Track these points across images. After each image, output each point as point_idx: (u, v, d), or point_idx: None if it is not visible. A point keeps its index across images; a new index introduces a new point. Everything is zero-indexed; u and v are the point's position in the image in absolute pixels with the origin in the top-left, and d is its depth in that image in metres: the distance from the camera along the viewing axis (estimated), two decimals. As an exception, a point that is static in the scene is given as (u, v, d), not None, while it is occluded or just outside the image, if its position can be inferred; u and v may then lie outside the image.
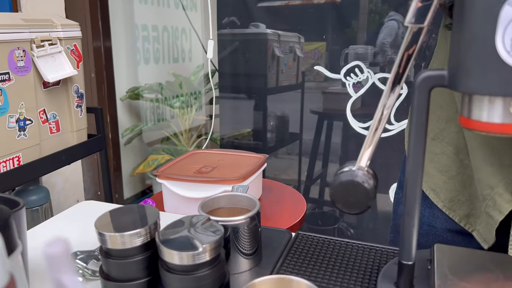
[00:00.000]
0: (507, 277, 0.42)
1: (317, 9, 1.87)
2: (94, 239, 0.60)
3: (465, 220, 0.59)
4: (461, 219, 0.60)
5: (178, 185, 0.84)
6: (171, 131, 2.18)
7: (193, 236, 0.43)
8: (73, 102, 1.03)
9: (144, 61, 2.23)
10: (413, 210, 0.42)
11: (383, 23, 1.58)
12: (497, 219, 0.52)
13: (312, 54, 1.89)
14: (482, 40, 0.33)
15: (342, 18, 1.76)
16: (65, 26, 0.98)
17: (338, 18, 1.79)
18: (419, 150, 0.41)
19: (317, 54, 1.88)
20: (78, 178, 1.88)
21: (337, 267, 0.52)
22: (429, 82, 0.39)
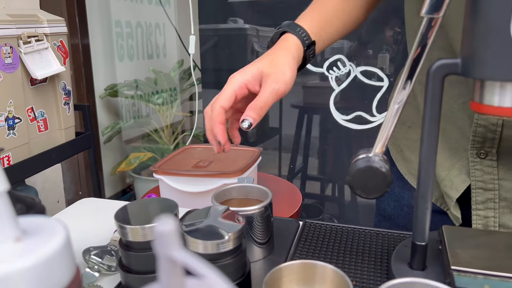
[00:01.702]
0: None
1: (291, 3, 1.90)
2: (102, 235, 0.60)
3: (440, 200, 0.63)
4: (437, 199, 0.64)
5: (176, 180, 0.84)
6: (152, 128, 2.16)
7: (218, 226, 0.44)
8: (61, 100, 1.01)
9: (118, 58, 2.19)
10: (426, 194, 0.44)
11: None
12: (454, 197, 0.58)
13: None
14: (497, 28, 0.35)
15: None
16: (51, 21, 0.96)
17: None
18: (433, 136, 0.42)
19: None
20: (58, 178, 1.84)
21: (348, 251, 0.54)
22: (442, 70, 0.40)
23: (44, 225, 0.25)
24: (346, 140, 1.80)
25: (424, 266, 0.47)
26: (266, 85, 0.53)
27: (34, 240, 0.23)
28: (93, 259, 0.51)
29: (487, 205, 0.55)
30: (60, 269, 0.23)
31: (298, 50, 0.57)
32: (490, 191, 0.54)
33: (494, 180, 0.54)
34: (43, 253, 0.22)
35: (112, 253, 0.53)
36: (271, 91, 0.53)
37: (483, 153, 0.54)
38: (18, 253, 0.21)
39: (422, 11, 0.39)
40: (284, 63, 0.55)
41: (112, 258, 0.52)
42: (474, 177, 0.55)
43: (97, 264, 0.51)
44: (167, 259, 0.17)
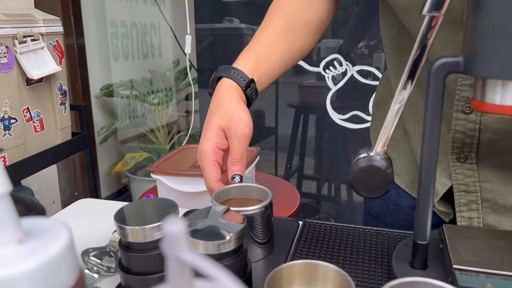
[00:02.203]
0: (516, 252, 0.45)
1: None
2: (101, 236, 0.60)
3: None
4: None
5: (174, 180, 0.84)
6: (147, 128, 2.15)
7: (218, 226, 0.43)
8: (57, 100, 1.00)
9: (113, 57, 2.19)
10: (428, 192, 0.44)
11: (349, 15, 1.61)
12: (435, 200, 0.59)
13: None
14: (500, 26, 0.35)
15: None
16: (47, 21, 0.95)
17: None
18: (434, 135, 0.42)
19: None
20: (54, 179, 1.83)
21: (349, 251, 0.54)
22: (444, 69, 0.40)
23: (47, 226, 0.24)
24: (343, 140, 1.80)
25: (426, 265, 0.47)
26: (233, 136, 0.55)
27: (37, 242, 0.22)
28: (92, 260, 0.51)
29: (470, 207, 0.56)
30: (64, 271, 0.22)
31: (237, 91, 0.58)
32: (472, 193, 0.55)
33: (475, 182, 0.55)
34: (47, 255, 0.21)
35: (111, 254, 0.53)
36: (240, 139, 0.55)
37: (463, 157, 0.55)
38: (21, 255, 0.21)
39: (424, 10, 0.39)
40: (234, 108, 0.56)
41: (111, 259, 0.52)
42: (456, 181, 0.56)
43: (96, 265, 0.51)
44: (176, 260, 0.17)
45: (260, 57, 0.61)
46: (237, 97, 0.57)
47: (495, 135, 0.51)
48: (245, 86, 0.58)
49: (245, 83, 0.58)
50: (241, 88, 0.58)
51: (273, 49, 0.62)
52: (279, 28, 0.63)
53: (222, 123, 0.55)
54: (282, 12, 0.64)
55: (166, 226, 0.17)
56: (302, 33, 0.64)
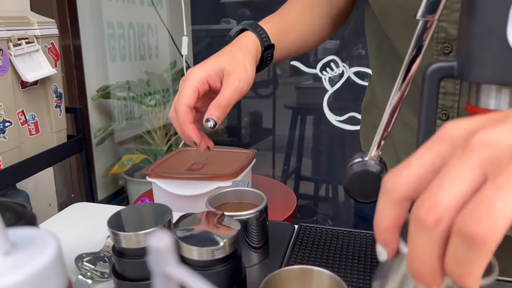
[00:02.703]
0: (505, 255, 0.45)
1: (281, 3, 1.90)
2: (95, 241, 0.59)
3: None
4: None
5: (170, 183, 0.83)
6: (144, 130, 2.15)
7: (212, 232, 0.43)
8: (52, 102, 1.00)
9: (110, 59, 2.18)
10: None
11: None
12: None
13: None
14: (494, 32, 0.35)
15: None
16: (42, 23, 0.95)
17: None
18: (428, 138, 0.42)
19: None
20: (50, 181, 1.82)
21: (344, 255, 0.53)
22: (438, 73, 0.40)
23: (35, 237, 0.24)
24: (340, 141, 1.80)
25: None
26: (229, 83, 0.51)
27: (24, 253, 0.22)
28: (85, 266, 0.51)
29: None
30: (51, 282, 0.22)
31: (257, 49, 0.56)
32: None
33: None
34: (33, 267, 0.21)
35: (105, 260, 0.52)
36: (235, 89, 0.51)
37: None
38: (7, 267, 0.21)
39: (418, 14, 0.39)
40: (245, 61, 0.54)
41: (105, 265, 0.52)
42: None
43: (90, 271, 0.51)
44: (162, 275, 0.17)
45: (283, 28, 0.60)
46: (252, 54, 0.55)
47: None
48: (266, 47, 0.57)
49: (266, 44, 0.57)
50: (261, 48, 0.57)
51: (294, 26, 0.62)
52: (304, 5, 0.63)
53: (226, 66, 0.52)
54: None
55: (152, 241, 0.16)
56: (330, 9, 0.64)
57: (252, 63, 0.55)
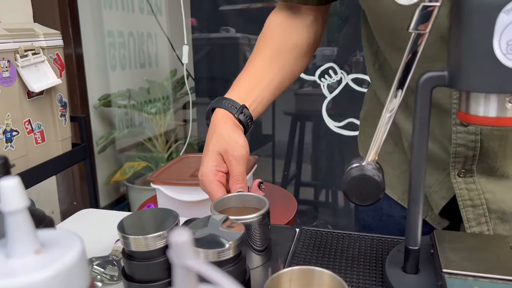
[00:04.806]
0: (503, 255, 0.47)
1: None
2: (103, 245, 0.62)
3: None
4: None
5: (174, 189, 0.85)
6: (146, 137, 2.17)
7: (218, 234, 0.45)
8: (57, 112, 1.02)
9: (111, 67, 2.21)
10: (418, 199, 0.46)
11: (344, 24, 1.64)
12: (436, 212, 0.62)
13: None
14: (481, 44, 0.38)
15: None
16: (47, 35, 0.97)
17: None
18: (423, 145, 0.45)
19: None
20: (53, 189, 1.84)
21: (344, 257, 0.55)
22: (430, 82, 0.43)
23: (60, 237, 0.26)
24: (339, 147, 1.82)
25: (417, 269, 0.48)
26: (231, 160, 0.57)
27: (53, 252, 0.24)
28: (95, 269, 0.53)
29: (479, 221, 0.57)
30: (77, 278, 0.24)
31: (230, 118, 0.61)
32: (478, 207, 0.56)
33: (479, 195, 0.56)
34: (62, 264, 0.23)
35: (114, 263, 0.54)
36: (238, 160, 0.57)
37: (463, 171, 0.56)
38: (39, 265, 0.23)
39: (410, 27, 0.42)
40: (229, 134, 0.59)
41: (115, 268, 0.54)
42: (461, 197, 0.57)
43: (99, 274, 0.53)
44: (182, 268, 0.19)
45: (251, 84, 0.64)
46: (231, 124, 0.60)
47: (495, 142, 0.52)
48: (237, 112, 0.61)
49: (236, 110, 0.61)
50: (233, 115, 0.61)
51: (264, 74, 0.64)
52: (269, 54, 0.65)
53: (219, 148, 0.58)
54: (270, 40, 0.66)
55: (173, 236, 0.19)
56: (291, 57, 0.66)
57: (236, 131, 0.59)
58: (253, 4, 1.98)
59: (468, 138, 0.53)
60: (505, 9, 0.36)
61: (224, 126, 0.59)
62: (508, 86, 0.38)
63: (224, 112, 0.60)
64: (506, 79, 0.37)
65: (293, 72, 0.67)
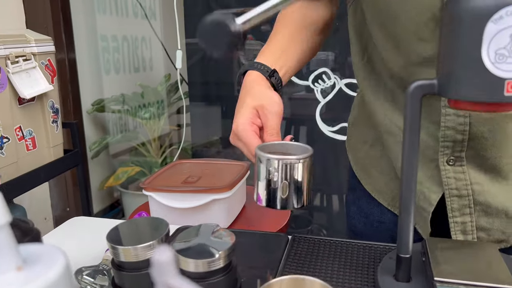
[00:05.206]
0: (494, 263, 0.47)
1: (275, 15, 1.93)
2: (93, 254, 0.61)
3: None
4: None
5: (166, 196, 0.85)
6: (139, 142, 2.16)
7: (208, 244, 0.45)
8: (49, 118, 1.02)
9: (105, 72, 2.20)
10: (409, 207, 0.46)
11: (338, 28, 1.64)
12: (429, 210, 0.60)
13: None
14: (470, 52, 0.38)
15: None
16: (39, 41, 0.97)
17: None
18: (413, 153, 0.44)
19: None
20: (45, 195, 1.83)
21: (336, 264, 0.55)
22: (420, 91, 0.43)
23: (43, 252, 0.26)
24: (333, 151, 1.82)
25: (409, 277, 0.48)
26: (266, 114, 0.57)
27: (35, 268, 0.24)
28: (85, 279, 0.52)
29: (463, 211, 0.57)
30: (60, 295, 0.24)
31: (263, 80, 0.61)
32: (464, 198, 0.56)
33: (467, 185, 0.56)
34: (44, 281, 0.23)
35: (104, 273, 0.54)
36: (273, 115, 0.57)
37: (453, 159, 0.55)
38: (20, 282, 0.22)
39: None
40: (264, 91, 0.59)
41: (105, 278, 0.53)
42: (447, 186, 0.56)
43: (89, 284, 0.52)
44: (163, 286, 0.18)
45: (277, 53, 0.65)
46: (265, 84, 0.61)
47: (485, 126, 0.52)
48: (269, 75, 0.62)
49: (268, 72, 0.62)
50: (266, 77, 0.61)
51: (288, 46, 0.67)
52: (290, 29, 0.68)
53: (255, 103, 0.57)
54: (290, 18, 0.69)
55: (154, 254, 0.18)
56: (310, 32, 0.69)
57: (270, 89, 0.60)
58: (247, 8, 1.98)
59: (457, 121, 0.53)
60: (493, 18, 0.36)
61: (258, 85, 0.60)
62: (497, 94, 0.38)
63: (257, 73, 0.62)
64: (495, 87, 0.37)
65: (313, 47, 0.70)
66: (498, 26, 0.36)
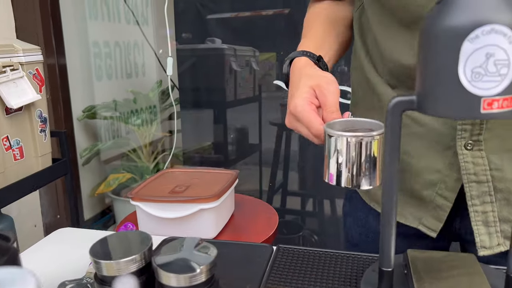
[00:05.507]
0: (474, 275, 0.47)
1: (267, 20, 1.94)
2: (78, 267, 0.61)
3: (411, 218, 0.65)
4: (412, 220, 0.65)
5: (153, 206, 0.85)
6: (131, 148, 2.15)
7: (190, 258, 0.45)
8: (37, 127, 1.01)
9: (96, 78, 2.20)
10: (391, 220, 0.46)
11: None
12: (452, 198, 0.58)
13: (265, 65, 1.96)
14: (447, 70, 0.38)
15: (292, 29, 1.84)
16: (27, 51, 0.97)
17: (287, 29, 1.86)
18: (394, 166, 0.45)
19: (269, 64, 1.95)
20: (36, 202, 1.81)
21: (319, 276, 0.55)
22: (400, 107, 0.43)
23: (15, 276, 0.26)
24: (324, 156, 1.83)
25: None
26: (324, 92, 0.54)
27: (6, 294, 0.24)
28: (68, 293, 0.52)
29: (484, 199, 0.55)
30: (30, 321, 0.24)
31: (313, 64, 0.61)
32: (483, 184, 0.54)
33: (485, 171, 0.54)
34: (14, 308, 0.23)
35: (88, 286, 0.54)
36: (332, 93, 0.54)
37: (471, 143, 0.54)
38: (-11, 309, 0.22)
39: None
40: (317, 72, 0.59)
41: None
42: (465, 171, 0.55)
43: (72, 298, 0.52)
44: (128, 318, 0.19)
45: (316, 45, 0.65)
46: (316, 67, 0.60)
47: None
48: (317, 59, 0.62)
49: (315, 58, 0.62)
50: (314, 62, 0.61)
51: (324, 39, 0.68)
52: (324, 24, 0.69)
53: (312, 83, 0.55)
54: (321, 14, 0.71)
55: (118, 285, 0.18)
56: (343, 26, 0.71)
57: (323, 71, 0.60)
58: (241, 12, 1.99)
59: None
60: (469, 37, 0.37)
61: (311, 68, 0.59)
62: (474, 112, 0.38)
63: (306, 59, 0.61)
64: (471, 105, 0.38)
65: (345, 41, 0.72)
66: (474, 45, 0.37)
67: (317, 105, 0.55)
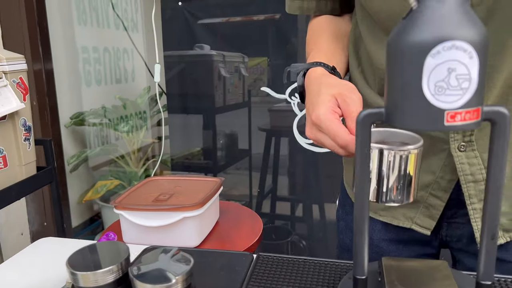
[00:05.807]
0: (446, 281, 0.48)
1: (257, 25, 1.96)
2: (59, 277, 0.61)
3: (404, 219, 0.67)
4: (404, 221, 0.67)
5: (136, 214, 0.85)
6: (119, 155, 2.15)
7: (165, 269, 0.46)
8: (21, 136, 1.01)
9: (86, 83, 2.19)
10: (362, 229, 0.47)
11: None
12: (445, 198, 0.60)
13: (256, 70, 1.97)
14: (411, 84, 0.39)
15: (282, 34, 1.85)
16: (10, 59, 0.97)
17: (278, 34, 1.88)
18: (365, 177, 0.46)
19: (259, 69, 1.96)
20: (22, 210, 1.80)
21: (297, 284, 0.56)
22: (369, 119, 0.44)
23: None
24: (312, 162, 1.84)
25: (366, 298, 0.50)
26: (347, 100, 0.52)
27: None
28: (47, 304, 0.52)
29: (481, 197, 0.57)
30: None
31: (329, 74, 0.60)
32: (480, 182, 0.56)
33: (481, 170, 0.56)
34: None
35: (67, 297, 0.54)
36: (354, 101, 0.52)
37: (464, 145, 0.56)
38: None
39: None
40: (337, 80, 0.57)
41: (67, 302, 0.53)
42: (462, 172, 0.56)
43: (51, 309, 0.52)
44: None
45: (328, 55, 0.66)
46: (334, 76, 0.59)
47: None
48: (332, 69, 0.61)
49: (330, 68, 0.61)
50: (330, 72, 0.60)
51: (333, 53, 0.67)
52: (330, 38, 0.69)
53: (333, 91, 0.53)
54: (326, 29, 0.71)
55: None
56: (347, 41, 0.71)
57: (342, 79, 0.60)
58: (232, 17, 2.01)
59: None
60: (431, 53, 0.38)
61: (329, 77, 0.58)
62: (437, 124, 0.39)
63: (322, 69, 0.60)
64: (435, 118, 0.39)
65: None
66: (436, 60, 0.38)
67: (340, 115, 0.53)
